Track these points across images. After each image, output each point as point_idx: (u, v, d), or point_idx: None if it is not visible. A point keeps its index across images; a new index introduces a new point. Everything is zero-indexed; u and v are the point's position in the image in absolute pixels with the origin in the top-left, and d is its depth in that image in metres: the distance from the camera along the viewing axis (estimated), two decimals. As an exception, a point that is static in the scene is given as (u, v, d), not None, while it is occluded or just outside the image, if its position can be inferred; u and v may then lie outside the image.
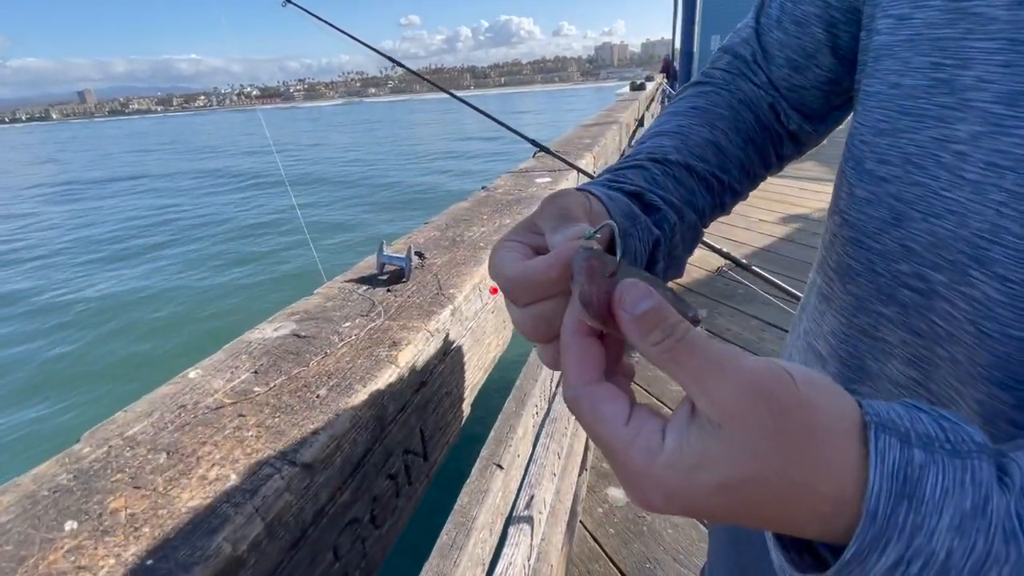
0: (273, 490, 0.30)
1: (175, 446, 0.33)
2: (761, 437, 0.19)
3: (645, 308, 0.22)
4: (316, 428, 0.35)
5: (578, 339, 0.23)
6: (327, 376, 0.40)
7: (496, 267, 0.28)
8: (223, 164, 19.95)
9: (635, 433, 0.21)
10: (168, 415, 0.36)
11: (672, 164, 0.39)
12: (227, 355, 0.43)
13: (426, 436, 0.48)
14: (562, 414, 1.25)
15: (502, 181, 1.09)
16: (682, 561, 1.47)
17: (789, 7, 0.44)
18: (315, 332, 0.47)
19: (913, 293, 0.32)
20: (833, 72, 0.43)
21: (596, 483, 1.76)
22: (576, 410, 0.23)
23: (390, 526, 0.42)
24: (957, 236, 0.29)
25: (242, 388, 0.39)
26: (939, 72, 0.29)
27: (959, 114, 0.28)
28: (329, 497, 0.34)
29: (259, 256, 7.92)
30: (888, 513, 0.18)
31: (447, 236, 0.74)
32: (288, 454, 0.32)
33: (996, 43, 0.26)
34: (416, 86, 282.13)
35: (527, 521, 0.95)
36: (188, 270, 7.47)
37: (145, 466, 0.31)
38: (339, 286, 0.57)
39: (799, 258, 3.43)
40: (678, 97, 0.48)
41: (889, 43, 0.33)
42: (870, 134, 0.34)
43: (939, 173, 0.29)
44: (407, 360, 0.44)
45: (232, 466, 0.31)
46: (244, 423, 0.35)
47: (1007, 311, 0.27)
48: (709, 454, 0.19)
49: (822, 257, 0.42)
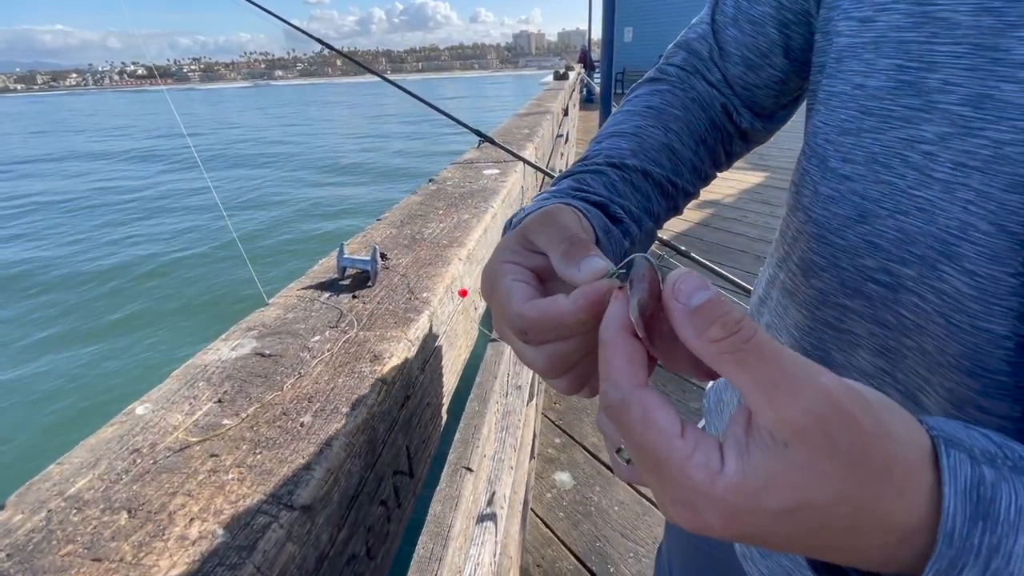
0: (273, 542, 0.26)
1: (137, 501, 0.28)
2: (837, 464, 0.18)
3: (702, 299, 0.20)
4: (308, 462, 0.31)
5: (627, 337, 0.22)
6: (307, 400, 0.36)
7: (505, 302, 0.26)
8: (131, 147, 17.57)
9: (692, 447, 0.19)
10: (119, 463, 0.30)
11: (630, 170, 0.40)
12: (180, 383, 0.37)
13: (412, 453, 0.45)
14: (515, 407, 1.25)
15: (449, 173, 1.05)
16: (629, 535, 1.54)
17: (745, 6, 0.45)
18: (281, 349, 0.42)
19: (879, 287, 0.34)
20: (784, 72, 0.45)
21: (543, 470, 1.79)
22: (622, 416, 0.21)
23: (384, 554, 0.39)
24: (926, 232, 0.30)
25: (208, 422, 0.34)
26: (904, 74, 0.31)
27: (926, 115, 0.30)
28: (329, 538, 0.31)
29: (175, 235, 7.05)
30: (964, 535, 0.17)
31: (405, 234, 0.69)
32: (282, 497, 0.28)
33: (961, 47, 0.28)
34: (328, 69, 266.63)
35: (491, 519, 0.94)
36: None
37: (103, 531, 0.26)
38: (297, 294, 0.52)
39: (715, 241, 3.69)
40: (633, 94, 0.48)
41: (852, 44, 0.34)
42: (834, 133, 0.36)
43: (906, 172, 0.31)
44: (393, 375, 0.40)
45: (217, 519, 0.27)
46: (220, 464, 0.30)
47: (976, 304, 0.29)
48: (776, 476, 0.18)
49: (784, 253, 0.44)
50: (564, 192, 0.37)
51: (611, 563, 1.46)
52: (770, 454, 0.18)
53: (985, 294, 0.28)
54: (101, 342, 4.41)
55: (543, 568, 1.47)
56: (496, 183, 0.96)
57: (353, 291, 0.52)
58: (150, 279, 5.69)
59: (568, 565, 1.47)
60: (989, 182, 0.27)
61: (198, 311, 4.92)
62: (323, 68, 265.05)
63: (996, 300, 0.28)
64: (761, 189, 4.80)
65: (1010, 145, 0.26)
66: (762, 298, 0.52)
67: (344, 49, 2.05)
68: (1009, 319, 0.28)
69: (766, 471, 0.18)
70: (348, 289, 0.53)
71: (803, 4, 0.41)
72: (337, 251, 0.56)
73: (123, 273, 5.85)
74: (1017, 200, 0.26)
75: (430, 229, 0.71)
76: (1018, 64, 0.26)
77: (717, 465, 0.19)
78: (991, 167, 0.27)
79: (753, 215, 4.14)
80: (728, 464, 0.19)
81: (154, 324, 4.69)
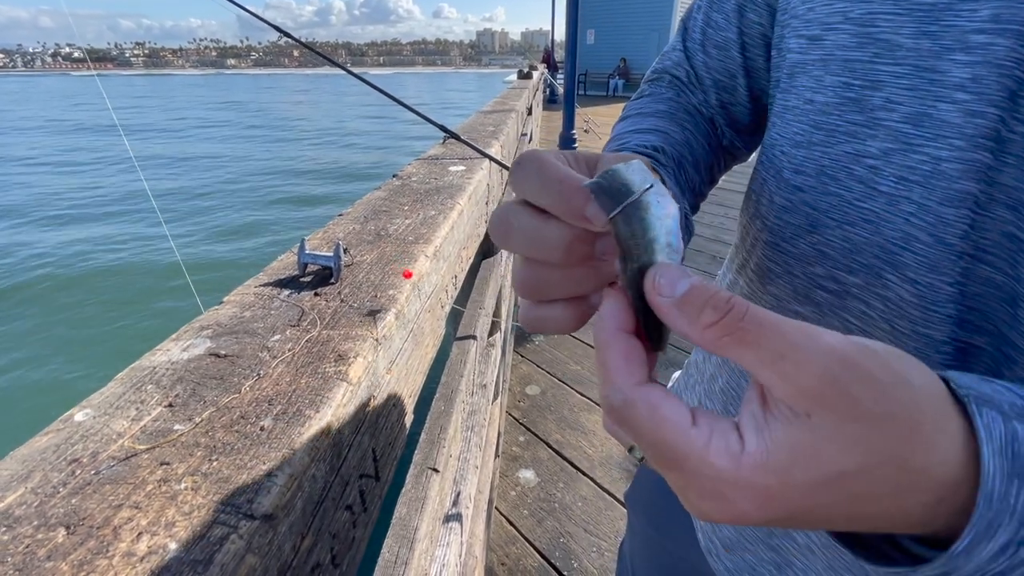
0: (232, 554, 0.24)
1: (76, 516, 0.26)
2: (863, 423, 0.17)
3: (686, 287, 0.19)
4: (270, 468, 0.29)
5: (623, 336, 0.21)
6: (267, 403, 0.34)
7: (531, 165, 0.23)
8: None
9: (708, 434, 0.18)
10: (56, 476, 0.28)
11: (667, 156, 0.39)
12: (125, 386, 0.35)
13: (378, 455, 0.43)
14: (480, 406, 1.24)
15: (414, 168, 1.03)
16: (591, 531, 1.56)
17: (711, 33, 0.46)
18: (238, 349, 0.40)
19: (828, 294, 0.35)
20: (753, 92, 0.47)
21: (507, 467, 1.79)
22: (628, 416, 0.20)
23: (349, 561, 0.38)
24: (871, 242, 0.32)
25: (157, 428, 0.31)
26: (849, 91, 0.32)
27: (870, 131, 0.31)
28: (293, 548, 0.29)
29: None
30: (1002, 495, 0.17)
31: (368, 229, 0.67)
32: (241, 506, 0.27)
33: (902, 68, 0.29)
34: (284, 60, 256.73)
35: (456, 519, 0.93)
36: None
37: (37, 550, 0.24)
38: (255, 291, 0.49)
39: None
40: (637, 105, 0.48)
41: (802, 61, 0.36)
42: (788, 146, 0.37)
43: (852, 185, 0.32)
44: (358, 375, 0.39)
45: (168, 532, 0.25)
46: (171, 473, 0.28)
47: (917, 311, 0.30)
48: (803, 448, 0.17)
49: (743, 260, 0.45)
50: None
51: (575, 558, 1.48)
52: (793, 427, 0.17)
53: (925, 301, 0.30)
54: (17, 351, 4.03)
55: (507, 566, 1.47)
56: (462, 179, 0.95)
57: (315, 288, 0.50)
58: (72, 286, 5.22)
59: (532, 562, 1.47)
60: (928, 196, 0.28)
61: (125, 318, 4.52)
62: (279, 59, 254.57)
63: (935, 307, 0.29)
64: (716, 192, 4.97)
65: (947, 162, 0.27)
66: None
67: (302, 40, 1.94)
68: (948, 325, 0.29)
69: (792, 444, 0.17)
70: (310, 286, 0.51)
71: (759, 28, 0.43)
72: (298, 247, 0.54)
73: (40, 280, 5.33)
74: (953, 213, 0.28)
75: (395, 225, 0.69)
76: (954, 86, 0.27)
77: (738, 447, 0.18)
78: (930, 182, 0.28)
79: (709, 216, 4.29)
80: (749, 443, 0.18)
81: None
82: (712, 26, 0.46)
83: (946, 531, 0.18)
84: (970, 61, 0.26)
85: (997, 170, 0.26)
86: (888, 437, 0.17)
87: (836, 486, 0.17)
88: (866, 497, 0.17)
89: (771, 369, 0.18)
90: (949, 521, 0.18)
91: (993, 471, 0.17)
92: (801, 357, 0.17)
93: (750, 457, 0.17)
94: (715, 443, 0.18)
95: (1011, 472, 0.17)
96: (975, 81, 0.26)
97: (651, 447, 0.19)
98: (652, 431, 0.19)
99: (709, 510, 0.18)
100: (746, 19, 0.43)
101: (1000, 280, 0.27)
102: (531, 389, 2.17)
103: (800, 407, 0.17)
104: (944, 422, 0.17)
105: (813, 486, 0.17)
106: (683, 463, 0.18)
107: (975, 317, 0.28)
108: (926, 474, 0.17)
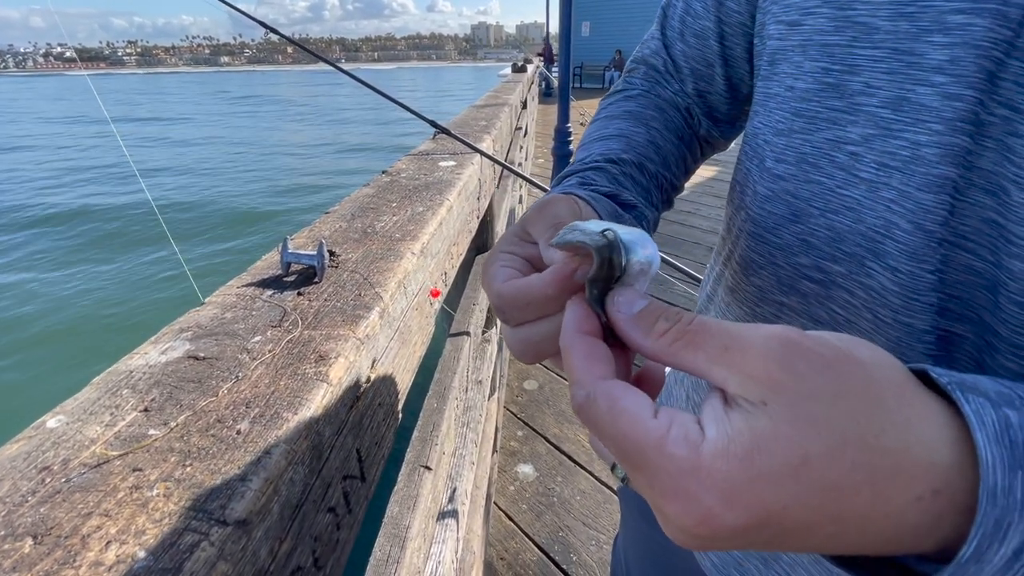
0: (202, 562, 0.24)
1: (44, 526, 0.25)
2: (816, 401, 0.16)
3: (642, 305, 0.21)
4: (244, 472, 0.29)
5: (583, 337, 0.21)
6: (245, 406, 0.34)
7: (488, 284, 0.27)
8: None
9: (667, 424, 0.18)
10: (25, 484, 0.27)
11: (627, 164, 0.39)
12: (100, 391, 0.34)
13: (363, 455, 0.43)
14: (476, 402, 1.24)
15: (403, 164, 1.02)
16: (591, 524, 1.57)
17: (689, 21, 0.46)
18: (217, 352, 0.39)
19: (813, 284, 0.35)
20: (731, 80, 0.46)
21: (505, 463, 1.80)
22: (591, 413, 0.19)
23: (333, 563, 0.38)
24: (854, 231, 0.31)
25: (131, 433, 0.31)
26: (828, 77, 0.31)
27: (850, 117, 0.30)
28: (270, 552, 0.29)
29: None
30: (1007, 488, 0.15)
31: (355, 227, 0.67)
32: (214, 512, 0.26)
33: (880, 51, 0.28)
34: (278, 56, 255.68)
35: (452, 515, 0.93)
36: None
37: (2, 561, 0.23)
38: (236, 292, 0.49)
39: (670, 234, 3.79)
40: (606, 105, 0.49)
41: (782, 47, 0.35)
42: (770, 134, 0.36)
43: (834, 172, 0.32)
44: (339, 375, 0.38)
45: (138, 540, 0.25)
46: (144, 480, 0.28)
47: (898, 299, 0.30)
48: (763, 433, 0.16)
49: (728, 251, 0.45)
50: (572, 187, 0.37)
51: (574, 552, 1.48)
52: (751, 416, 0.17)
53: (906, 290, 0.29)
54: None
55: (507, 561, 1.47)
56: (452, 175, 0.94)
57: (298, 288, 0.50)
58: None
59: (532, 556, 1.48)
60: (907, 182, 0.28)
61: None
62: (272, 55, 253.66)
63: (916, 296, 0.29)
64: (713, 183, 4.96)
65: (926, 147, 0.27)
66: (709, 295, 0.53)
67: (294, 36, 1.92)
68: (929, 314, 0.29)
69: (751, 429, 0.17)
70: (293, 286, 0.50)
71: (738, 16, 0.42)
72: (281, 246, 0.53)
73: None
74: (932, 199, 0.27)
75: (382, 222, 0.69)
76: (932, 68, 0.26)
77: (697, 435, 0.17)
78: (909, 167, 0.28)
79: (706, 208, 4.28)
80: (709, 431, 0.17)
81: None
82: (691, 14, 0.45)
83: (956, 542, 0.16)
84: (948, 43, 0.25)
85: (976, 154, 0.25)
86: (845, 412, 0.16)
87: (805, 476, 0.16)
88: (842, 489, 0.16)
89: (720, 362, 0.18)
90: (954, 523, 0.16)
91: (992, 461, 0.15)
92: (745, 344, 0.18)
93: (710, 444, 0.17)
94: (674, 432, 0.18)
95: (1012, 463, 0.15)
96: (953, 63, 0.25)
97: (612, 442, 0.19)
98: (611, 423, 0.19)
99: (674, 512, 0.17)
100: (725, 7, 0.43)
101: (980, 267, 0.26)
102: (529, 384, 2.17)
103: (754, 396, 0.17)
104: (911, 397, 0.17)
105: (780, 476, 0.16)
106: (643, 456, 0.18)
107: (956, 305, 0.28)
108: (907, 455, 0.16)
